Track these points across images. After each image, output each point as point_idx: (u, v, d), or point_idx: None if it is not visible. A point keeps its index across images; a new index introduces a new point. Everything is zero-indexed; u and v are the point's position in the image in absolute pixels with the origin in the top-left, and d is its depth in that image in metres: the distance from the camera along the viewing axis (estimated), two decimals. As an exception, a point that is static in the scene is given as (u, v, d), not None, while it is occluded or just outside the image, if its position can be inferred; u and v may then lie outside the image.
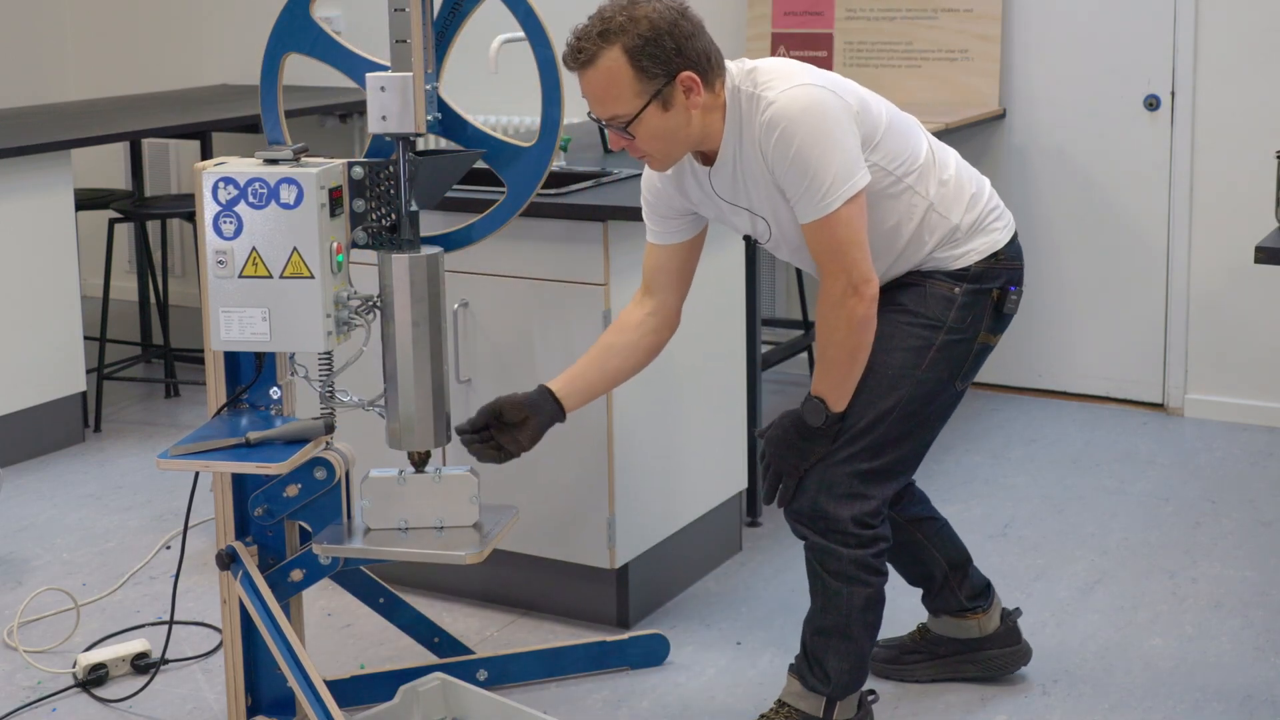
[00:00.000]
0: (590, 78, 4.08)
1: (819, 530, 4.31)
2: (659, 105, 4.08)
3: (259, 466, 4.11)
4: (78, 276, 7.20)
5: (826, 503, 4.28)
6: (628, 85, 4.05)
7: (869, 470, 4.28)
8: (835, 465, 4.27)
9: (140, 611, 5.49)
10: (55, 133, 7.24)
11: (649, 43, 4.02)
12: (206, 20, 9.82)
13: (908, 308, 4.31)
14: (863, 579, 4.34)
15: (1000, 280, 4.38)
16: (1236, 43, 7.20)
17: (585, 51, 4.05)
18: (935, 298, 4.31)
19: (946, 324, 4.30)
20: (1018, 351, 7.85)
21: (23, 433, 6.99)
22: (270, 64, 4.54)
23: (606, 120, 4.15)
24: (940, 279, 4.32)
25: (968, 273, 4.33)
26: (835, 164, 4.03)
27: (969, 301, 4.32)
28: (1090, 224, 7.65)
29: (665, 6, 4.07)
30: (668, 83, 4.06)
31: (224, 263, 4.11)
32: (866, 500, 4.29)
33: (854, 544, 4.30)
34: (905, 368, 4.28)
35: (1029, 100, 7.71)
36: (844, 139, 4.07)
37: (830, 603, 4.38)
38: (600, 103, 4.12)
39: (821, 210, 4.07)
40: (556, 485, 5.17)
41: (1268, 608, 5.39)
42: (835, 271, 4.12)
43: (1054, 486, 6.59)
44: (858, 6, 7.86)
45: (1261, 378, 7.35)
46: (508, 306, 5.18)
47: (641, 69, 4.03)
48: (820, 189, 4.04)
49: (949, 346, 4.31)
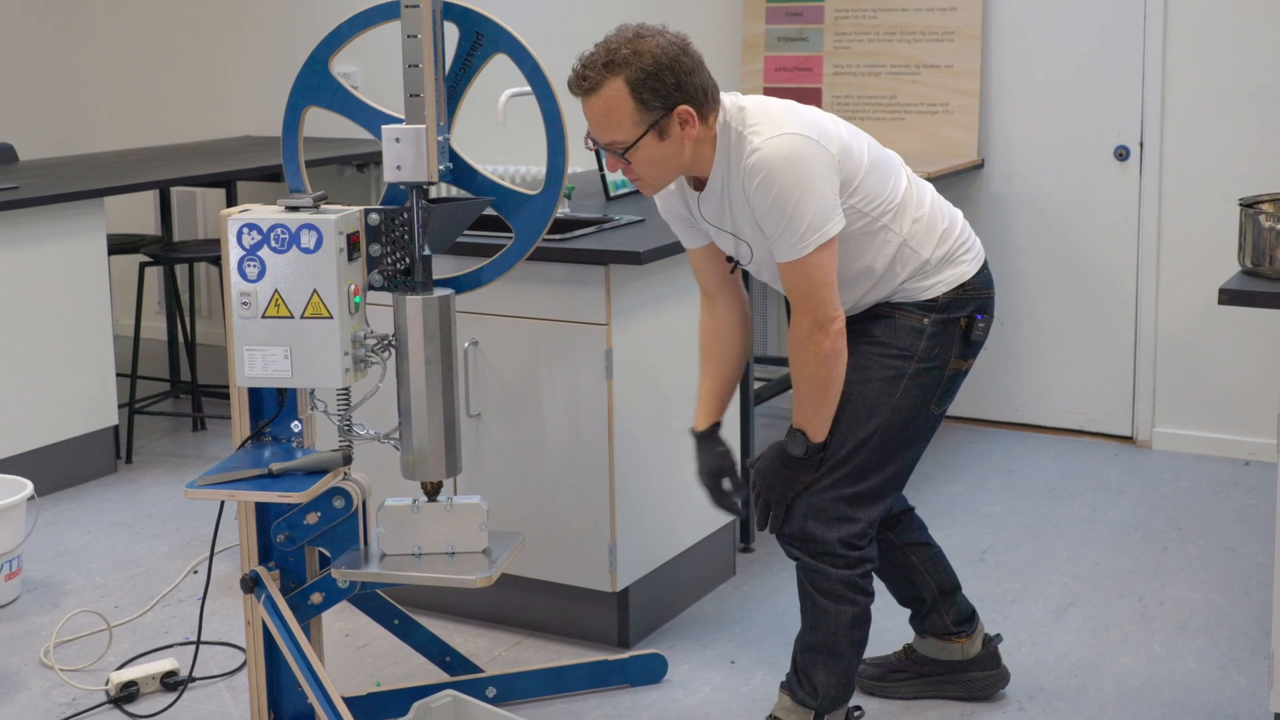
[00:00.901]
0: (593, 104, 4.09)
1: (809, 552, 4.33)
2: (655, 135, 4.08)
3: (281, 496, 4.12)
4: (110, 317, 7.20)
5: (815, 526, 4.30)
6: (628, 115, 4.06)
7: (854, 494, 4.30)
8: (823, 491, 4.29)
9: (169, 632, 5.49)
10: (89, 181, 7.23)
11: (651, 77, 4.03)
12: (231, 75, 9.84)
13: (879, 339, 4.32)
14: (850, 598, 4.35)
15: (968, 309, 4.37)
16: (1201, 97, 7.22)
17: (589, 79, 4.06)
18: (905, 329, 4.31)
19: (917, 354, 4.30)
20: (996, 387, 7.86)
21: (59, 463, 6.99)
22: (291, 117, 4.54)
23: (605, 144, 4.15)
24: (909, 310, 4.32)
25: (936, 303, 4.33)
26: (811, 211, 4.04)
27: (937, 331, 4.32)
28: (1063, 267, 7.65)
29: (668, 41, 4.08)
30: (665, 115, 4.07)
31: (248, 304, 4.11)
32: (853, 523, 4.31)
33: (842, 564, 4.32)
34: (880, 397, 4.28)
35: (1006, 151, 7.71)
36: (821, 188, 4.07)
37: (819, 620, 4.38)
38: (601, 128, 4.12)
39: (796, 253, 4.08)
40: (561, 513, 5.17)
41: (1231, 628, 5.39)
42: (804, 310, 4.14)
43: (1030, 514, 6.59)
44: (845, 63, 7.87)
45: (1225, 412, 7.35)
46: (515, 345, 5.19)
47: (642, 100, 4.04)
48: (796, 233, 4.05)
49: (921, 374, 4.31)
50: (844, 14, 7.89)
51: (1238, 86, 7.12)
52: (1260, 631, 5.28)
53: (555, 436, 5.16)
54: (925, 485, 6.86)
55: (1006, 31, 7.63)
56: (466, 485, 5.22)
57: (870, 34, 7.84)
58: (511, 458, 5.25)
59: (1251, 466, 7.16)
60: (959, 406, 7.88)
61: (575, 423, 5.10)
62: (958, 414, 7.95)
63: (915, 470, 4.55)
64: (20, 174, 7.52)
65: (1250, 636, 5.30)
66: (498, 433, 5.25)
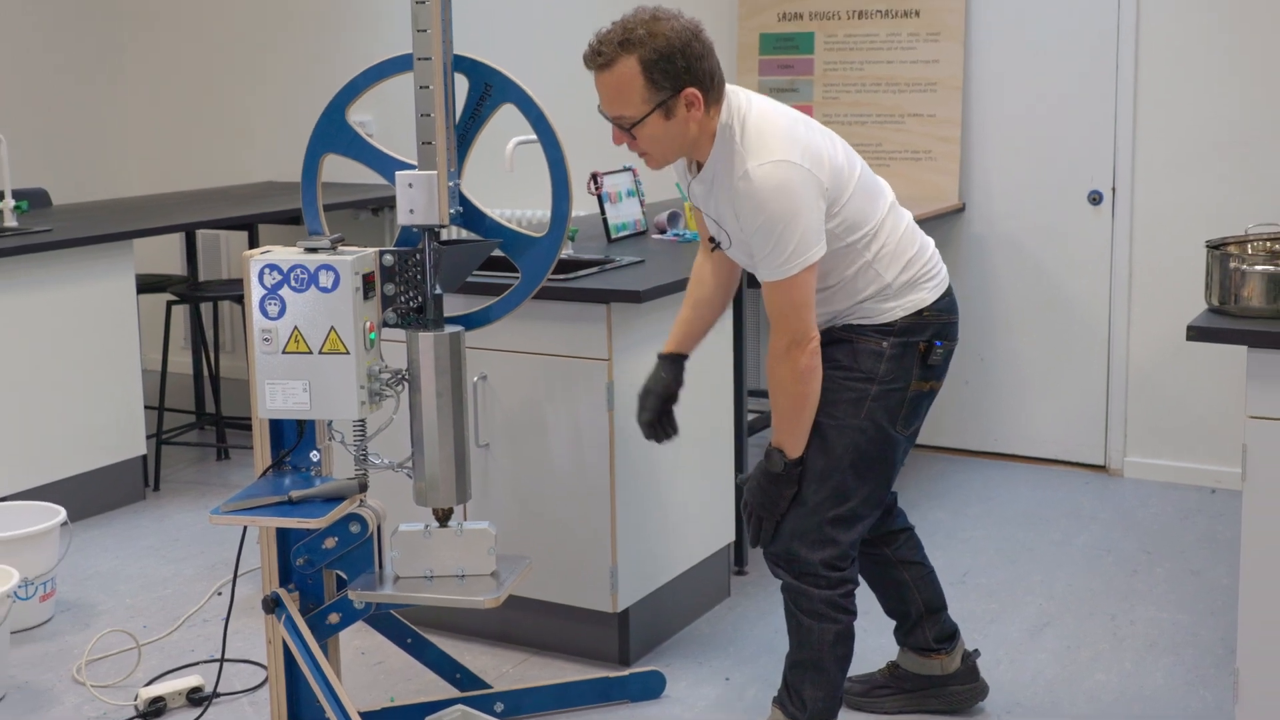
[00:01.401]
0: (605, 79, 4.07)
1: (794, 573, 4.34)
2: (662, 113, 4.07)
3: (300, 521, 4.12)
4: (139, 352, 7.21)
5: (800, 548, 4.30)
6: (637, 92, 4.04)
7: (837, 516, 4.29)
8: (807, 515, 4.29)
9: (195, 650, 5.48)
10: (119, 224, 7.24)
11: (663, 58, 4.01)
12: (253, 124, 9.87)
13: (841, 364, 4.29)
14: (833, 617, 4.35)
15: (926, 334, 4.34)
16: (1170, 145, 7.23)
17: (604, 55, 4.04)
18: (865, 353, 4.29)
19: (878, 376, 4.28)
20: (975, 418, 7.87)
21: (90, 491, 6.99)
22: (310, 163, 4.55)
23: (613, 118, 4.13)
24: (868, 334, 4.30)
25: (893, 327, 4.30)
26: (797, 238, 4.02)
27: (896, 354, 4.29)
28: (1040, 304, 7.66)
29: (682, 26, 4.06)
30: (673, 95, 4.05)
31: (269, 340, 4.13)
32: (836, 545, 4.31)
33: (824, 585, 4.32)
34: (846, 418, 4.27)
35: (986, 195, 7.72)
36: (808, 215, 4.05)
37: (805, 638, 4.39)
38: (610, 102, 4.11)
39: (780, 274, 4.07)
40: (564, 538, 5.18)
41: (1197, 647, 5.39)
42: (783, 328, 4.13)
43: (1007, 539, 6.59)
44: (834, 112, 7.88)
45: (1192, 443, 7.35)
46: (522, 379, 5.20)
47: (652, 80, 4.03)
48: (782, 256, 4.04)
49: (883, 396, 4.29)
50: (833, 66, 7.91)
51: (1204, 136, 7.15)
52: (1225, 650, 5.28)
53: (559, 465, 5.17)
54: (909, 511, 6.77)
55: (986, 83, 7.65)
56: (475, 511, 5.23)
57: (857, 85, 7.87)
58: (518, 485, 5.26)
59: (1217, 494, 7.16)
60: (941, 436, 7.91)
61: (578, 452, 5.11)
62: (940, 444, 7.97)
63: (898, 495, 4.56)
64: (54, 217, 7.53)
65: (1216, 654, 5.31)
66: (505, 462, 5.26)
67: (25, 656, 5.45)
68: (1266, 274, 4.27)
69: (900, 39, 7.75)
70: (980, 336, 7.81)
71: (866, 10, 7.82)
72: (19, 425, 6.64)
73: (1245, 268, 4.30)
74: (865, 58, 7.84)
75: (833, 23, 7.92)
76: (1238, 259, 4.33)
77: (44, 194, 8.27)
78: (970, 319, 7.77)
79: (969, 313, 7.74)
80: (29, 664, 5.40)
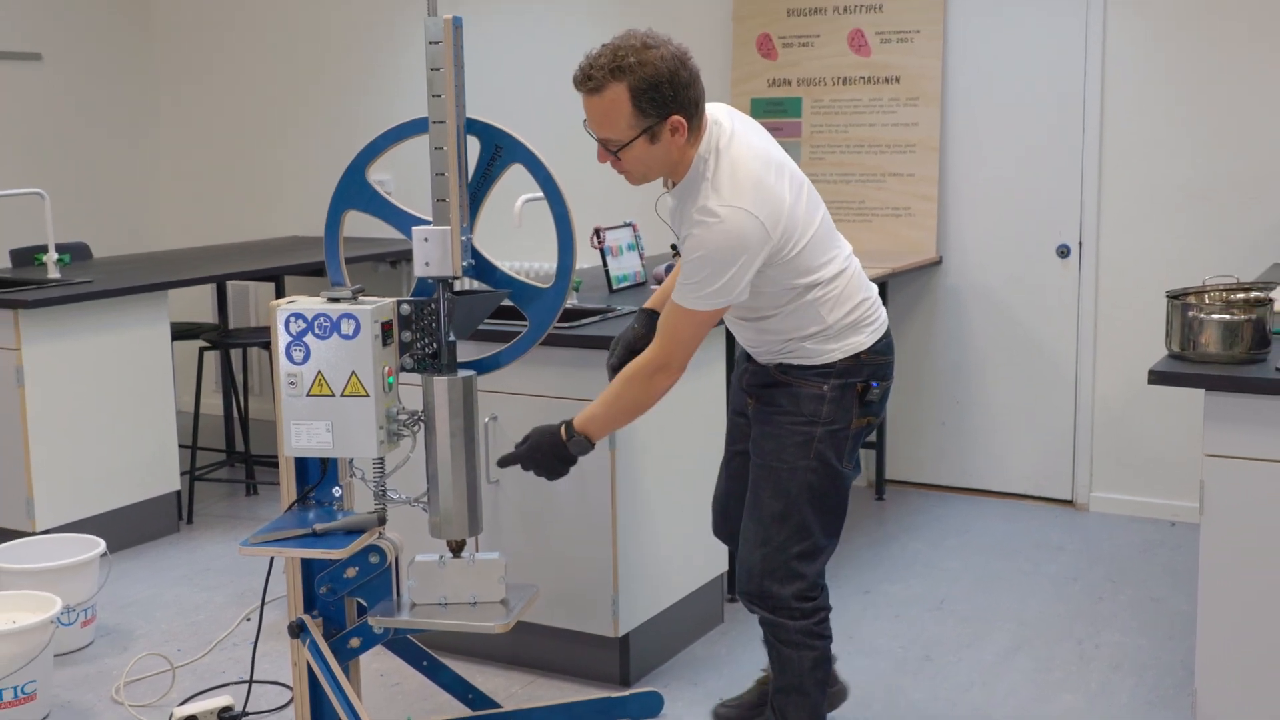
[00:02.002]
0: (594, 103, 3.99)
1: (768, 608, 4.29)
2: (647, 138, 4.00)
3: (324, 552, 4.12)
4: (173, 395, 7.21)
5: (771, 585, 4.26)
6: (624, 118, 3.97)
7: (800, 552, 4.25)
8: (773, 553, 4.24)
9: (225, 672, 5.48)
10: (155, 276, 7.26)
11: (651, 88, 3.93)
12: (279, 182, 9.89)
13: (787, 409, 4.24)
14: (809, 644, 4.31)
15: (863, 375, 4.25)
16: (1133, 202, 7.26)
17: (594, 80, 3.96)
18: (807, 397, 4.22)
19: (821, 418, 4.21)
20: (951, 456, 7.88)
21: (128, 524, 7.00)
22: (333, 219, 4.56)
23: (600, 139, 4.06)
24: (810, 379, 4.22)
25: (833, 369, 4.21)
26: (722, 281, 3.95)
27: (836, 396, 4.22)
28: (1012, 350, 7.68)
29: (670, 53, 3.96)
30: (659, 122, 3.97)
31: (294, 383, 4.13)
32: (803, 579, 4.26)
33: (799, 616, 4.27)
34: (796, 460, 4.22)
35: (961, 249, 7.74)
36: (741, 268, 3.96)
37: (786, 666, 4.35)
38: (598, 125, 4.03)
39: (684, 301, 4.02)
40: (569, 568, 5.18)
41: (1159, 669, 5.39)
42: (664, 349, 4.10)
43: (981, 568, 6.59)
44: (820, 171, 7.90)
45: (1154, 479, 7.36)
46: (530, 420, 5.19)
47: (639, 108, 3.95)
48: (700, 289, 3.97)
49: (828, 437, 4.22)
50: (819, 129, 7.94)
51: (1164, 193, 7.17)
52: (1185, 672, 5.29)
53: (564, 500, 5.18)
54: (890, 543, 6.87)
55: (961, 144, 7.68)
56: (487, 543, 5.24)
57: (842, 146, 7.89)
58: (526, 519, 5.27)
59: (1177, 527, 7.17)
60: (919, 473, 7.93)
61: (582, 488, 5.12)
62: (918, 480, 7.98)
63: (879, 529, 4.56)
64: (94, 269, 7.55)
65: (1176, 676, 5.31)
66: (514, 497, 5.27)
67: (68, 678, 5.46)
68: (1222, 322, 4.29)
69: (882, 103, 7.78)
70: (956, 380, 7.83)
71: (850, 77, 7.86)
72: (62, 463, 6.65)
73: (1203, 316, 4.32)
74: (849, 121, 7.87)
75: (819, 88, 7.95)
76: (1196, 308, 4.35)
77: (85, 248, 8.29)
78: (946, 364, 7.80)
79: (946, 359, 7.78)
80: (71, 685, 5.40)
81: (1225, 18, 6.95)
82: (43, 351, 6.53)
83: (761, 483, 4.29)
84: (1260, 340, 4.30)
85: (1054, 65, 7.39)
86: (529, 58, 8.77)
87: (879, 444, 7.80)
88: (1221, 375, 4.15)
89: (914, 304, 7.86)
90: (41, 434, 6.56)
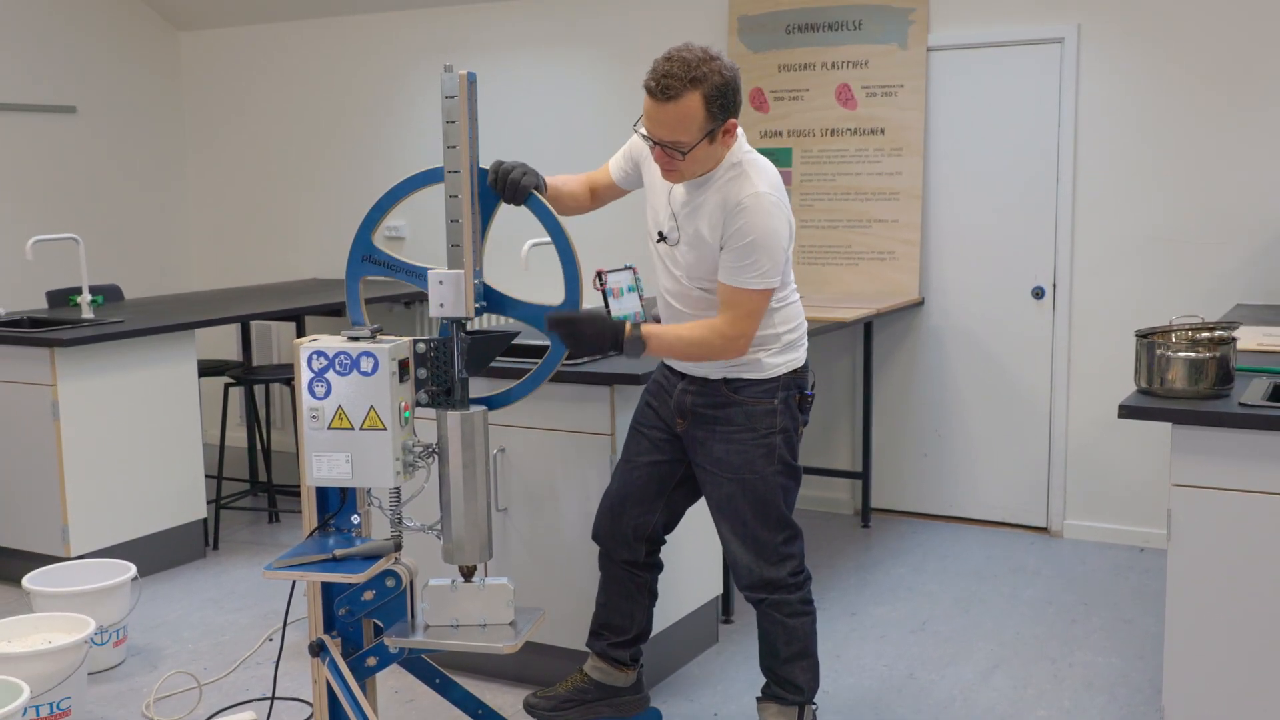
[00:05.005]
0: (668, 109, 4.07)
1: (771, 590, 4.52)
2: (708, 140, 4.12)
3: (343, 576, 4.11)
4: (200, 428, 7.21)
5: (766, 570, 4.49)
6: (697, 123, 4.08)
7: (785, 538, 4.49)
8: (764, 547, 4.48)
9: (249, 690, 5.48)
10: (182, 316, 7.26)
11: (720, 94, 4.07)
12: (301, 227, 9.90)
13: (744, 425, 4.42)
14: (807, 610, 4.58)
15: (798, 386, 4.48)
16: (1105, 246, 7.27)
17: (673, 89, 4.04)
18: (760, 414, 4.41)
19: (776, 429, 4.42)
20: (932, 486, 7.89)
21: (157, 550, 7.00)
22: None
23: (668, 143, 4.14)
24: (759, 396, 4.41)
25: (779, 382, 4.42)
26: (769, 263, 4.15)
27: (783, 408, 4.43)
28: (989, 386, 7.69)
29: (729, 64, 4.12)
30: (720, 124, 4.12)
31: (316, 417, 4.13)
32: (792, 558, 4.52)
33: (795, 589, 4.53)
34: (766, 467, 4.42)
35: (942, 291, 7.76)
36: (782, 250, 4.19)
37: (792, 635, 4.55)
38: (670, 129, 4.11)
39: (744, 284, 4.17)
40: (574, 591, 5.18)
41: (1129, 687, 5.39)
42: (738, 324, 4.21)
43: (961, 592, 6.59)
44: (809, 218, 7.93)
45: (1124, 507, 7.36)
46: (536, 452, 5.22)
47: (710, 113, 4.07)
48: (751, 273, 4.15)
49: (784, 443, 4.45)
50: (808, 177, 7.96)
51: (1134, 238, 7.19)
52: (1153, 690, 5.29)
53: (569, 527, 5.19)
54: (874, 568, 6.87)
55: (943, 192, 7.70)
56: (496, 568, 5.24)
57: (830, 194, 7.91)
58: (533, 545, 5.28)
59: (1146, 552, 7.17)
60: (902, 501, 7.93)
61: (585, 516, 5.12)
62: (901, 508, 7.98)
63: (865, 554, 4.59)
64: (125, 310, 7.56)
65: (1145, 694, 5.31)
66: (522, 524, 5.27)
67: (101, 694, 5.46)
68: (1188, 360, 4.32)
69: (868, 154, 7.80)
70: (936, 414, 7.84)
71: (838, 129, 7.88)
72: (95, 492, 6.66)
73: (1170, 354, 4.35)
74: (837, 170, 7.89)
75: (808, 139, 7.97)
76: (1163, 346, 4.37)
77: (117, 289, 8.31)
78: (928, 398, 7.81)
79: (928, 394, 7.79)
80: (104, 701, 5.40)
81: (1192, 75, 6.97)
82: (77, 387, 6.55)
83: (736, 495, 4.47)
84: (1224, 376, 4.33)
85: (1030, 119, 7.42)
86: (536, 108, 8.79)
87: (865, 474, 7.82)
88: (1188, 410, 4.18)
89: (898, 342, 7.88)
90: (76, 465, 6.57)
